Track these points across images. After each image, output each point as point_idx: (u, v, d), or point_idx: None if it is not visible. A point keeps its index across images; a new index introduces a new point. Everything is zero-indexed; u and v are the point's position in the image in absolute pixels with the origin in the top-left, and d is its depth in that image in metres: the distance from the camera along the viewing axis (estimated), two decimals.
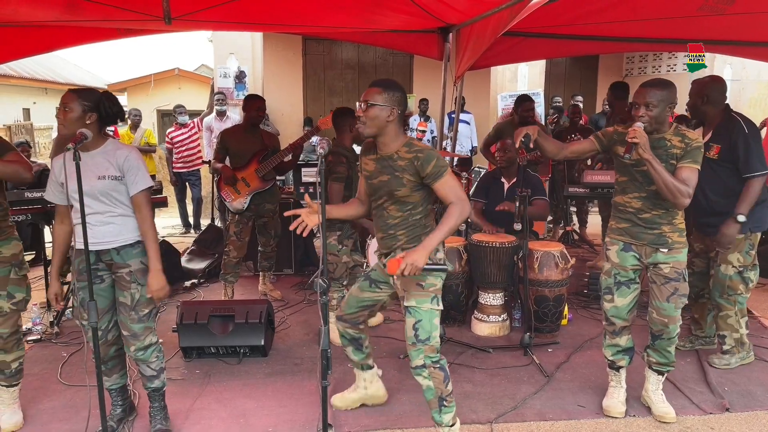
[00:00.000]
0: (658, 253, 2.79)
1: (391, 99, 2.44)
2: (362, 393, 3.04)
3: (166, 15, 3.82)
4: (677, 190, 2.60)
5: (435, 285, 2.52)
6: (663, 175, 2.59)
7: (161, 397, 2.81)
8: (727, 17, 5.06)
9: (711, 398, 3.11)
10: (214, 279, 5.31)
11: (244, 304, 3.75)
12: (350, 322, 2.86)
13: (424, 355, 2.50)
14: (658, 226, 2.77)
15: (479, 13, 4.73)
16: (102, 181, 2.51)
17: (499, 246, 3.94)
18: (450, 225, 2.38)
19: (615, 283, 2.90)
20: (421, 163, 2.42)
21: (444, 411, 2.57)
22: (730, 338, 3.45)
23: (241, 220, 4.46)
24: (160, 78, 16.53)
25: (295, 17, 4.75)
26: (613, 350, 2.99)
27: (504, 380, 3.36)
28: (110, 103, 2.54)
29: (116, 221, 2.55)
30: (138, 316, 2.61)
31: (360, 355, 2.97)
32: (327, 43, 9.32)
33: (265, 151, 4.39)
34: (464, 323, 4.22)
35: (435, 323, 2.52)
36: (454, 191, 2.41)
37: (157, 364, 2.72)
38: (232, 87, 8.17)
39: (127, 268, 2.58)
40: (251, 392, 3.25)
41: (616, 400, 2.97)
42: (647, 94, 2.65)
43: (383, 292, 2.78)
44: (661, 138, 2.71)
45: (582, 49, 7.20)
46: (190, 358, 3.64)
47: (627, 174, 2.83)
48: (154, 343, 2.69)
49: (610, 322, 2.95)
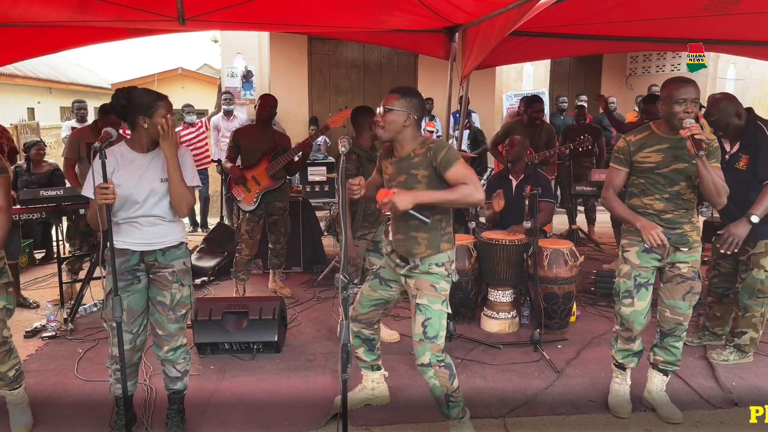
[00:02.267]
0: (678, 252, 2.78)
1: (408, 104, 2.53)
2: (368, 394, 3.07)
3: (180, 16, 3.87)
4: (723, 188, 2.63)
5: (446, 290, 2.63)
6: (713, 174, 2.59)
7: (181, 400, 2.81)
8: (732, 17, 5.09)
9: (719, 393, 3.15)
10: (223, 277, 5.36)
11: (257, 300, 3.80)
12: (365, 323, 2.89)
13: (430, 353, 2.54)
14: (680, 226, 2.76)
15: (486, 13, 4.77)
16: (165, 183, 2.52)
17: (509, 244, 3.98)
18: (450, 196, 2.41)
19: (636, 285, 2.82)
20: (434, 152, 2.47)
21: (452, 406, 2.63)
22: (748, 335, 3.48)
23: (252, 219, 4.51)
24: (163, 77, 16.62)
25: (306, 17, 4.79)
26: (624, 354, 2.97)
27: (515, 376, 3.41)
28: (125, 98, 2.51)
29: (165, 224, 2.57)
30: (175, 316, 2.63)
31: (372, 356, 3.01)
32: (332, 43, 9.37)
33: (276, 150, 4.44)
34: (474, 320, 4.26)
35: (443, 324, 2.60)
36: (468, 177, 2.42)
37: (183, 366, 2.74)
38: (239, 86, 8.22)
39: (170, 269, 2.59)
40: (266, 387, 3.30)
41: (623, 399, 2.97)
42: (693, 90, 2.60)
43: (394, 290, 2.82)
44: (680, 138, 2.66)
45: (586, 49, 7.24)
46: (205, 354, 3.69)
47: (645, 177, 2.77)
48: (183, 344, 2.71)
49: (627, 328, 2.88)
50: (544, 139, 5.74)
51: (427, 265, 2.60)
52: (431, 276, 2.60)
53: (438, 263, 2.60)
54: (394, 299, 2.87)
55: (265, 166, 4.42)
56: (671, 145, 2.70)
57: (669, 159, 2.70)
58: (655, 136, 2.75)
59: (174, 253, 2.60)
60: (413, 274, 2.65)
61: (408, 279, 2.69)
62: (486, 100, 9.04)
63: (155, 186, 2.52)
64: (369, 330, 2.92)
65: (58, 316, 4.20)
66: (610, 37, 5.93)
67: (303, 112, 9.18)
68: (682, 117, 2.59)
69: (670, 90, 2.65)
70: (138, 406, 2.96)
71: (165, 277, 2.59)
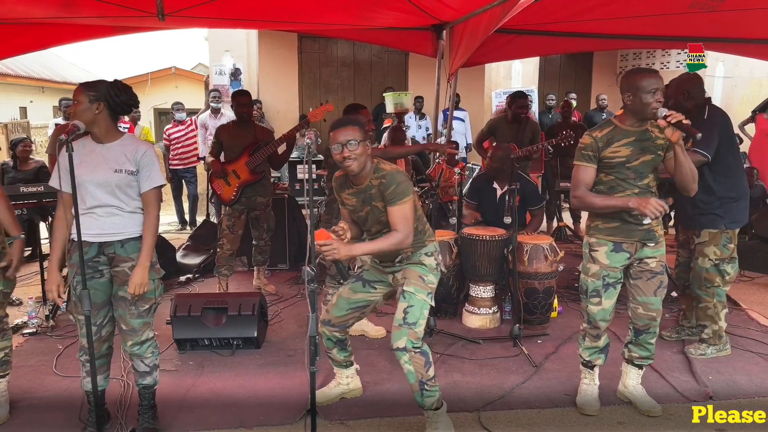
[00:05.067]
0: (645, 248, 2.77)
1: (363, 132, 2.55)
2: (344, 388, 3.09)
3: (160, 11, 3.87)
4: (697, 174, 2.65)
5: (433, 283, 2.69)
6: (689, 160, 2.60)
7: (151, 395, 2.79)
8: (719, 14, 5.11)
9: (695, 387, 3.16)
10: (209, 274, 5.34)
11: (237, 296, 3.80)
12: (339, 327, 2.88)
13: (407, 338, 2.56)
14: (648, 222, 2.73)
15: (472, 10, 4.78)
16: (118, 174, 2.51)
17: (489, 239, 3.99)
18: (382, 246, 2.52)
19: (604, 285, 2.80)
20: (385, 186, 2.54)
21: (426, 395, 2.62)
22: (709, 329, 3.51)
23: (233, 214, 4.52)
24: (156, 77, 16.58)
25: (291, 14, 4.79)
26: (591, 351, 2.95)
27: (493, 370, 3.41)
28: (116, 92, 2.54)
29: (123, 215, 2.55)
30: (138, 312, 2.60)
31: (345, 354, 3.02)
32: (322, 41, 9.36)
33: (257, 144, 4.44)
34: (455, 316, 4.26)
35: (424, 314, 2.62)
36: (405, 223, 2.51)
37: (152, 360, 2.72)
38: (227, 84, 8.21)
39: (130, 262, 2.57)
40: (244, 383, 3.30)
41: (591, 397, 2.95)
42: (660, 80, 2.61)
43: (377, 292, 2.82)
44: (645, 129, 2.68)
45: (576, 47, 7.26)
46: (184, 350, 3.68)
47: (616, 173, 2.71)
48: (150, 338, 2.69)
49: (595, 326, 2.87)
50: (528, 135, 5.74)
51: (418, 256, 2.67)
52: (421, 267, 2.67)
53: (427, 253, 2.69)
54: (375, 302, 2.87)
55: (246, 159, 4.42)
56: (637, 137, 2.69)
57: (637, 152, 2.68)
58: (620, 130, 2.72)
59: (134, 245, 2.57)
60: (403, 266, 2.69)
61: (396, 273, 2.72)
62: (475, 99, 9.04)
63: (108, 176, 2.50)
64: (340, 333, 2.92)
65: (40, 313, 4.19)
66: (599, 34, 5.95)
67: (293, 110, 9.16)
68: (655, 107, 2.57)
69: (639, 81, 2.61)
70: (114, 402, 2.96)
71: (125, 271, 2.56)
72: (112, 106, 2.54)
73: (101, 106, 2.50)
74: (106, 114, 2.53)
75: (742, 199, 3.48)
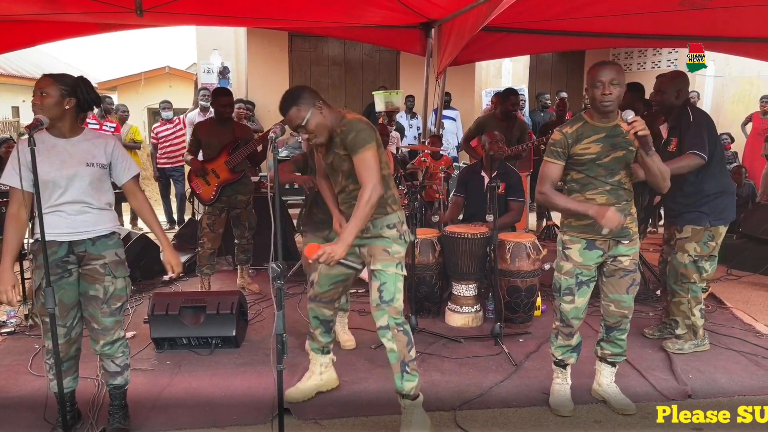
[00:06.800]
0: (620, 246, 2.74)
1: (307, 103, 2.53)
2: (317, 380, 3.06)
3: (138, 7, 3.83)
4: (667, 172, 2.62)
5: (400, 252, 2.65)
6: (657, 160, 2.56)
7: (122, 395, 2.74)
8: (709, 12, 5.10)
9: (675, 385, 3.13)
10: (193, 273, 5.30)
11: (215, 295, 3.77)
12: (325, 301, 2.89)
13: (387, 315, 2.56)
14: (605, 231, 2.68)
15: (459, 8, 4.77)
16: (91, 168, 2.47)
17: (471, 237, 3.96)
18: (360, 215, 2.47)
19: (577, 283, 2.77)
20: (345, 133, 2.52)
21: (406, 378, 2.59)
22: (682, 324, 3.50)
23: (213, 212, 4.48)
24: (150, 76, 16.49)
25: (278, 11, 4.76)
26: (563, 350, 2.91)
27: (472, 369, 3.38)
28: (87, 88, 2.51)
29: (93, 211, 2.50)
30: (110, 310, 2.55)
31: (327, 338, 3.01)
32: (313, 40, 9.34)
33: (236, 143, 4.40)
34: (438, 315, 4.24)
35: (399, 287, 2.61)
36: (369, 171, 2.47)
37: (122, 360, 2.67)
38: (215, 83, 8.18)
39: (101, 260, 2.52)
40: (220, 382, 3.26)
41: (565, 398, 2.91)
42: (612, 71, 2.56)
43: (352, 263, 2.79)
44: (615, 125, 2.65)
45: (566, 45, 7.24)
46: (162, 350, 3.65)
47: (587, 170, 2.67)
48: (121, 337, 2.64)
49: (567, 324, 2.83)
50: (516, 134, 5.71)
51: (378, 228, 2.64)
52: (383, 240, 2.63)
53: (389, 225, 2.64)
54: (353, 273, 2.86)
55: (225, 159, 4.38)
56: (607, 133, 2.65)
57: (607, 148, 2.64)
58: (590, 126, 2.68)
59: (105, 243, 2.53)
60: (365, 240, 2.66)
61: (361, 248, 2.70)
62: (466, 97, 9.03)
63: (80, 170, 2.45)
64: (329, 309, 2.91)
65: (20, 312, 4.15)
66: (589, 33, 5.94)
67: None
68: (601, 100, 2.57)
69: (590, 74, 2.62)
70: (86, 402, 2.93)
71: (96, 269, 2.51)
72: (81, 103, 2.51)
73: (72, 102, 2.47)
74: (74, 110, 2.50)
75: (727, 196, 3.48)
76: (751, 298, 4.70)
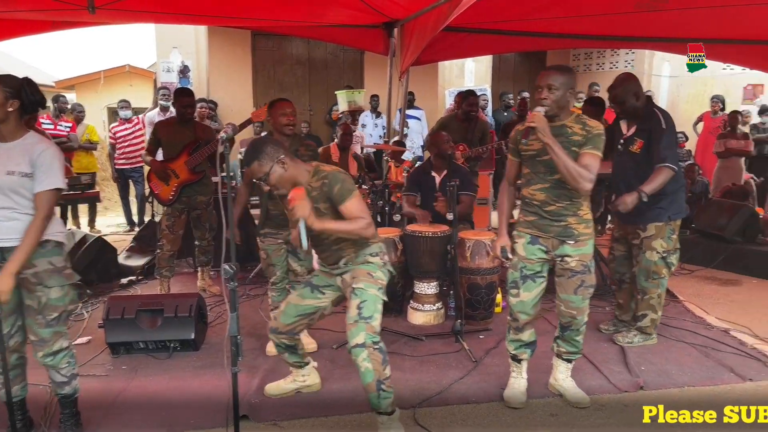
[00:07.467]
0: (565, 246, 2.78)
1: (268, 158, 2.53)
2: (300, 384, 3.08)
3: (90, 4, 3.74)
4: (578, 174, 2.61)
5: (383, 279, 2.68)
6: (564, 159, 2.60)
7: (72, 404, 2.68)
8: (664, 14, 5.24)
9: (628, 377, 3.21)
10: (153, 276, 5.21)
11: (173, 297, 3.71)
12: (286, 334, 2.85)
13: (365, 332, 2.52)
14: (563, 218, 2.75)
15: (420, 8, 4.79)
16: (10, 177, 2.37)
17: (432, 235, 3.98)
18: (346, 227, 2.53)
19: (521, 277, 2.82)
20: (329, 187, 2.55)
21: (383, 396, 2.55)
22: (649, 318, 3.59)
23: (173, 213, 4.42)
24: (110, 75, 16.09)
25: (237, 9, 4.70)
26: (516, 345, 2.96)
27: (433, 367, 3.41)
28: (32, 90, 2.44)
29: (21, 218, 2.41)
30: (46, 321, 2.46)
31: (296, 357, 3.00)
32: (277, 39, 9.25)
33: (197, 144, 4.34)
34: (401, 313, 4.25)
35: (378, 308, 2.62)
36: (362, 213, 2.54)
37: (68, 370, 2.59)
38: (176, 82, 8.04)
39: (32, 269, 2.41)
40: (179, 386, 3.21)
41: (517, 391, 2.96)
42: (549, 77, 2.68)
43: (326, 297, 2.79)
44: (562, 125, 2.71)
45: (526, 45, 7.35)
46: (118, 354, 3.57)
47: (530, 166, 2.80)
48: (64, 348, 2.56)
49: (514, 318, 2.89)
50: (478, 135, 5.77)
51: (363, 257, 2.66)
52: (368, 265, 2.66)
53: (372, 253, 2.67)
54: (323, 308, 2.83)
55: (185, 159, 4.32)
56: (552, 132, 2.69)
57: (525, 144, 2.73)
58: None
59: (37, 251, 2.41)
60: (349, 267, 2.67)
61: (344, 275, 2.70)
62: (430, 97, 9.07)
63: (2, 178, 2.36)
64: (289, 340, 2.89)
65: None
66: (548, 34, 6.03)
67: (247, 108, 9.00)
68: (538, 103, 2.67)
69: (538, 77, 2.74)
70: (39, 409, 2.84)
71: (28, 279, 2.42)
72: (26, 105, 2.43)
73: (15, 104, 2.39)
74: (18, 113, 2.42)
75: (681, 191, 3.62)
76: (703, 292, 4.85)
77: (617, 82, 3.56)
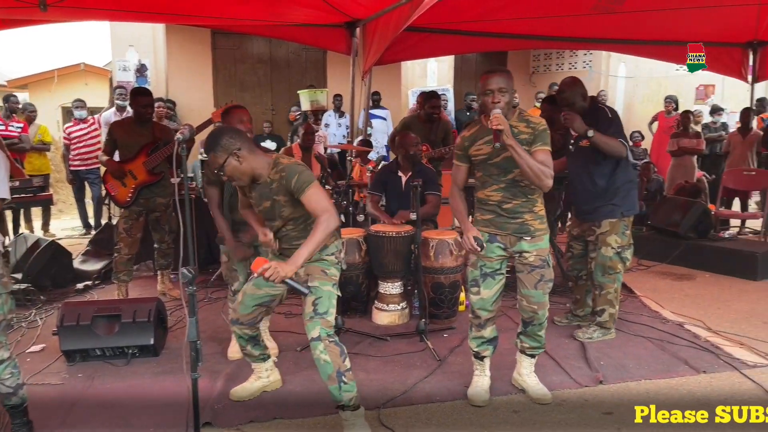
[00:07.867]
0: (522, 242, 2.82)
1: (223, 150, 2.53)
2: (264, 381, 3.08)
3: (41, 1, 3.62)
4: (541, 172, 2.65)
5: (336, 275, 2.73)
6: (527, 159, 2.63)
7: (22, 413, 2.60)
8: (619, 16, 5.39)
9: (587, 372, 3.28)
10: (110, 281, 5.07)
11: (131, 302, 3.62)
12: (248, 324, 2.85)
13: (320, 327, 2.56)
14: (520, 215, 2.80)
15: (382, 8, 4.80)
16: None
17: (396, 235, 3.99)
18: (316, 239, 2.52)
19: (481, 275, 2.87)
20: (287, 179, 2.56)
21: (344, 388, 2.55)
22: (607, 312, 3.68)
23: (131, 216, 4.31)
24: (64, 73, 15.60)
25: (194, 7, 4.62)
26: (477, 342, 2.99)
27: (397, 367, 3.41)
28: None
29: None
30: None
31: (259, 349, 3.00)
32: (237, 37, 9.12)
33: (155, 144, 4.24)
34: (366, 314, 4.25)
35: (333, 303, 2.66)
36: (321, 204, 2.55)
37: (12, 381, 2.50)
38: (132, 81, 7.84)
39: None
40: (138, 392, 3.13)
41: (480, 389, 2.98)
42: (499, 80, 2.68)
43: (281, 285, 2.72)
44: (510, 126, 2.72)
45: (487, 46, 7.45)
46: (74, 362, 3.46)
47: (482, 169, 2.83)
48: (6, 359, 2.47)
49: (476, 315, 2.94)
50: (441, 135, 5.80)
51: (318, 255, 2.66)
52: (322, 263, 2.69)
53: (328, 253, 2.70)
54: (279, 296, 2.84)
55: (143, 160, 4.21)
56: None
57: (499, 148, 2.71)
58: (483, 129, 2.81)
59: None
60: (304, 264, 2.63)
61: (299, 270, 2.65)
62: (393, 97, 9.09)
63: None
64: (251, 330, 2.89)
65: None
66: (509, 34, 6.12)
67: (207, 108, 8.82)
68: (491, 108, 2.67)
69: (481, 81, 2.75)
70: None
71: None
72: None
73: None
74: None
75: (633, 188, 3.75)
76: (659, 287, 5.00)
77: (565, 86, 3.69)
